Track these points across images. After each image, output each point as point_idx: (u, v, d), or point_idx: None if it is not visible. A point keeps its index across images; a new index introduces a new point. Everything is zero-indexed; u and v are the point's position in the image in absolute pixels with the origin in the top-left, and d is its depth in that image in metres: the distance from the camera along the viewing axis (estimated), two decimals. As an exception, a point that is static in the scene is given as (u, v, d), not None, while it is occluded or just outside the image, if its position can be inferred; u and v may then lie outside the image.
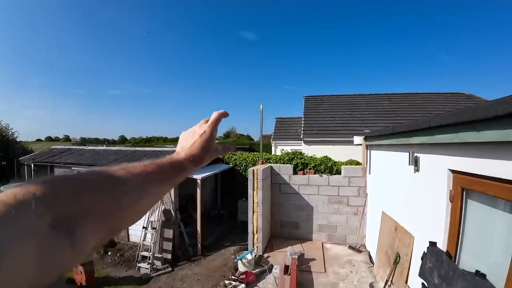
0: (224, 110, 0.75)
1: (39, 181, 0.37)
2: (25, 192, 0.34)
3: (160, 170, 0.57)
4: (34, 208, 0.33)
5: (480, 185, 2.36)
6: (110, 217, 0.45)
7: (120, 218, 0.47)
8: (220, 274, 6.32)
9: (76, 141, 77.51)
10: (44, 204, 0.34)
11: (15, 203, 0.32)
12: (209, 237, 8.61)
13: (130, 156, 10.95)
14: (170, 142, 50.61)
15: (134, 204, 0.50)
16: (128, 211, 0.49)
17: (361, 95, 15.29)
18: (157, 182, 0.56)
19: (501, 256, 2.17)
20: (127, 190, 0.49)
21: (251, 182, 6.41)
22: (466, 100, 13.37)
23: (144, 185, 0.53)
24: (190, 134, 0.73)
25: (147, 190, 0.53)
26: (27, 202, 0.33)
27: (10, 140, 25.09)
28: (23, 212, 0.31)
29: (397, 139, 4.19)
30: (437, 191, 3.08)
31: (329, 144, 11.27)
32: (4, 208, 0.30)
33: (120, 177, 0.50)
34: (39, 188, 0.35)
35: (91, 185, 0.44)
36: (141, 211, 0.53)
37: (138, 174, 0.53)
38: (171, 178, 0.60)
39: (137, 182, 0.51)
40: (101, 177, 0.47)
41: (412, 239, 3.74)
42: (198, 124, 0.74)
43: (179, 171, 0.62)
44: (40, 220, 0.33)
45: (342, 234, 7.12)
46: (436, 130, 2.82)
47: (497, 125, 1.87)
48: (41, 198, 0.34)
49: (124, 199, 0.48)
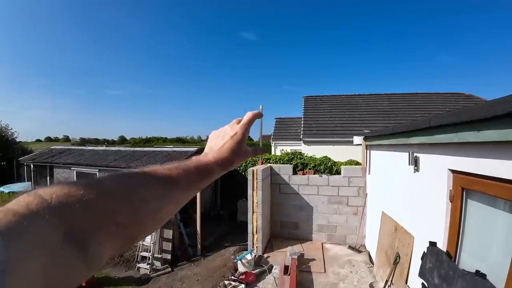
0: (258, 111, 0.70)
1: (54, 188, 0.35)
2: (39, 201, 0.32)
3: (185, 174, 0.53)
4: (47, 219, 0.31)
5: (480, 185, 2.36)
6: (128, 227, 0.42)
7: (138, 227, 0.44)
8: (219, 274, 6.31)
9: (75, 142, 77.58)
10: (58, 215, 0.32)
11: (27, 214, 0.30)
12: (208, 238, 8.60)
13: (130, 156, 10.94)
14: (170, 142, 50.63)
15: (154, 213, 0.46)
16: (148, 220, 0.45)
17: (361, 95, 15.28)
18: (181, 189, 0.52)
19: (501, 256, 2.17)
20: (148, 198, 0.45)
21: (250, 182, 6.40)
22: (466, 100, 13.37)
23: (166, 192, 0.49)
24: (221, 134, 0.68)
25: (170, 198, 0.49)
26: (41, 213, 0.31)
27: (9, 141, 25.14)
28: (36, 224, 0.30)
29: (397, 139, 4.19)
30: (437, 191, 3.07)
31: (329, 144, 11.27)
32: (15, 219, 0.28)
33: (140, 183, 0.46)
34: (54, 196, 0.33)
35: (108, 193, 0.41)
36: (161, 219, 0.49)
37: (161, 180, 0.49)
38: (196, 183, 0.55)
39: (159, 189, 0.47)
40: (120, 183, 0.44)
41: (412, 239, 3.73)
42: (230, 125, 0.69)
43: (206, 175, 0.58)
44: (53, 233, 0.31)
45: (342, 234, 7.11)
46: (436, 130, 2.82)
47: (497, 125, 1.87)
48: (55, 208, 0.32)
49: (143, 208, 0.44)
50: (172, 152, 10.86)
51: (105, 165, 10.48)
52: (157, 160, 9.93)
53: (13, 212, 0.29)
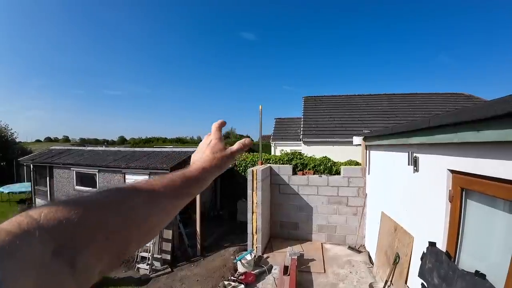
0: (221, 120, 0.78)
1: (42, 207, 0.36)
2: (29, 221, 0.33)
3: (171, 184, 0.55)
4: (37, 237, 0.32)
5: (480, 185, 2.36)
6: (117, 239, 0.43)
7: (127, 238, 0.45)
8: (219, 274, 6.32)
9: (75, 142, 77.53)
10: (48, 233, 0.33)
11: (19, 233, 0.31)
12: (208, 238, 8.60)
13: (130, 157, 10.94)
14: (170, 142, 50.60)
15: (143, 221, 0.48)
16: (136, 229, 0.47)
17: (361, 95, 15.28)
18: (168, 197, 0.53)
19: (501, 256, 2.17)
20: (135, 206, 0.47)
21: (250, 182, 6.40)
22: (465, 100, 13.38)
23: (153, 200, 0.50)
24: (200, 150, 0.73)
25: (157, 205, 0.51)
26: (31, 231, 0.32)
27: (9, 141, 25.14)
28: (27, 242, 0.31)
29: (397, 139, 4.19)
30: (437, 191, 3.07)
31: (329, 144, 11.27)
32: (8, 238, 0.30)
33: (127, 194, 0.48)
34: (43, 215, 0.35)
35: (96, 205, 0.42)
36: (151, 228, 0.50)
37: (148, 190, 0.51)
38: (182, 191, 0.57)
39: (145, 197, 0.49)
40: (107, 195, 0.45)
41: (411, 239, 3.73)
42: (203, 140, 0.76)
43: (192, 183, 0.60)
44: (44, 250, 0.32)
45: (342, 235, 7.11)
46: (435, 130, 2.82)
47: (497, 125, 1.87)
48: (45, 226, 0.34)
49: (131, 215, 0.45)
50: (171, 152, 10.85)
51: (105, 165, 10.47)
52: (157, 160, 9.92)
53: (5, 231, 0.30)
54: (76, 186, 11.54)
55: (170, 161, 9.58)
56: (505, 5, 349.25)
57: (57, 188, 12.30)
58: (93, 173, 10.88)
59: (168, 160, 9.68)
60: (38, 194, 13.84)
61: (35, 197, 14.02)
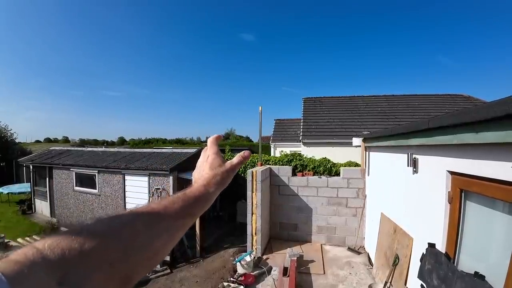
0: (216, 134, 0.79)
1: (47, 239, 0.38)
2: (34, 252, 0.35)
3: (172, 205, 0.54)
4: (43, 267, 0.34)
5: (479, 187, 2.36)
6: (121, 266, 0.43)
7: (132, 264, 0.45)
8: (218, 276, 6.31)
9: (75, 143, 77.45)
10: (52, 262, 0.35)
11: (27, 262, 0.33)
12: (208, 239, 8.59)
13: (129, 158, 10.93)
14: (169, 143, 50.56)
15: (147, 245, 0.47)
16: (141, 255, 0.47)
17: (360, 96, 15.29)
18: (170, 218, 0.53)
19: (500, 257, 2.17)
20: (137, 229, 0.47)
21: (250, 183, 6.40)
22: (464, 101, 13.40)
23: (155, 222, 0.50)
24: (198, 167, 0.73)
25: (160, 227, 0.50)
26: (37, 261, 0.34)
27: (9, 141, 25.13)
28: (34, 271, 0.33)
29: (396, 141, 4.19)
30: (436, 192, 3.08)
31: (328, 145, 11.27)
32: (16, 268, 0.32)
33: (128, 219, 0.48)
34: (47, 245, 0.37)
35: (98, 234, 0.43)
36: (156, 253, 0.50)
37: (149, 213, 0.51)
38: (184, 211, 0.56)
39: (146, 220, 0.49)
40: (108, 223, 0.46)
41: (411, 240, 3.74)
42: (201, 155, 0.76)
43: (194, 202, 0.59)
44: (49, 277, 0.34)
45: (341, 236, 7.11)
46: (434, 131, 2.82)
47: (496, 126, 1.87)
48: (49, 256, 0.35)
49: (134, 240, 0.46)
50: (171, 153, 10.84)
51: (104, 166, 10.46)
52: (156, 161, 9.92)
53: (14, 261, 0.33)
54: (75, 187, 11.53)
55: (169, 162, 9.57)
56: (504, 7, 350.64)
57: (56, 189, 12.29)
58: (93, 174, 10.87)
59: (168, 161, 9.67)
60: (37, 194, 13.83)
61: (34, 197, 14.01)
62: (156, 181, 9.36)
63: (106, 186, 10.51)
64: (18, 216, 13.48)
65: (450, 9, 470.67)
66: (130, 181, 9.98)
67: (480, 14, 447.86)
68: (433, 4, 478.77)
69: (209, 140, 0.77)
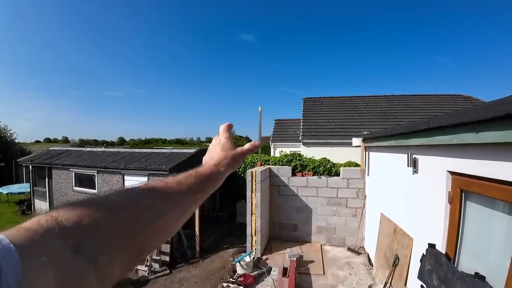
0: (228, 122, 0.83)
1: (61, 207, 0.38)
2: (48, 219, 0.35)
3: (185, 181, 0.57)
4: (57, 232, 0.33)
5: (479, 187, 2.35)
6: (136, 237, 0.44)
7: (146, 236, 0.46)
8: (218, 276, 6.29)
9: (74, 143, 77.55)
10: (66, 229, 0.35)
11: (38, 229, 0.32)
12: (207, 239, 8.58)
13: (129, 158, 10.92)
14: (169, 143, 50.60)
15: (160, 216, 0.48)
16: (155, 227, 0.47)
17: (360, 97, 15.28)
18: (183, 193, 0.55)
19: (500, 258, 2.16)
20: (152, 202, 0.48)
21: (249, 184, 6.39)
22: (464, 101, 13.39)
23: (169, 196, 0.52)
24: (210, 150, 0.75)
25: (174, 201, 0.52)
26: (51, 228, 0.33)
27: (9, 141, 25.13)
28: (46, 238, 0.32)
29: (396, 141, 4.18)
30: (436, 192, 3.07)
31: (328, 145, 11.25)
32: (27, 234, 0.31)
33: (144, 192, 0.49)
34: (61, 213, 0.36)
35: (113, 205, 0.43)
36: (169, 226, 0.51)
37: (163, 187, 0.52)
38: (196, 187, 0.58)
39: (162, 193, 0.51)
40: (124, 195, 0.47)
41: (411, 241, 3.73)
42: (213, 140, 0.79)
43: (206, 179, 0.62)
44: (64, 246, 0.33)
45: (341, 236, 7.10)
46: (434, 131, 2.81)
47: (496, 126, 1.86)
48: (64, 223, 0.35)
49: (148, 211, 0.46)
50: (171, 153, 10.82)
51: (104, 167, 10.45)
52: (156, 161, 9.91)
53: (24, 228, 0.32)
54: (75, 187, 11.52)
55: (169, 162, 9.56)
56: (504, 7, 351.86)
57: (56, 189, 12.28)
58: (92, 174, 10.87)
59: (167, 161, 9.66)
60: (37, 195, 13.81)
61: (34, 198, 13.99)
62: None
63: (106, 186, 10.50)
64: (17, 216, 13.45)
65: (448, 9, 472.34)
66: (130, 181, 9.98)
67: (479, 14, 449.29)
68: (431, 4, 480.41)
69: (222, 127, 0.81)
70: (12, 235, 0.29)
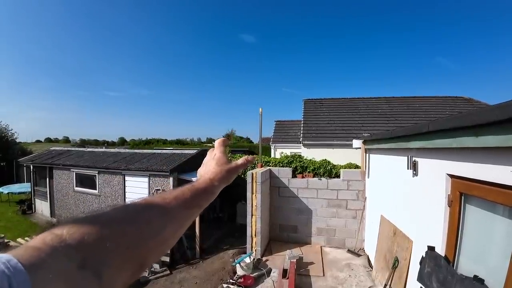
0: (224, 137, 0.85)
1: (65, 223, 0.39)
2: (53, 237, 0.36)
3: (182, 196, 0.58)
4: (62, 250, 0.35)
5: (479, 190, 2.36)
6: (137, 250, 0.46)
7: (145, 248, 0.48)
8: (218, 277, 6.31)
9: (75, 143, 77.65)
10: (72, 247, 0.36)
11: (45, 248, 0.34)
12: (207, 240, 8.59)
13: (130, 158, 10.94)
14: (170, 144, 50.59)
15: (159, 231, 0.51)
16: (153, 240, 0.50)
17: (361, 98, 15.29)
18: (180, 208, 0.57)
19: (499, 261, 2.17)
20: (150, 218, 0.50)
21: (250, 185, 6.40)
22: (465, 104, 13.40)
23: (166, 212, 0.53)
24: (205, 164, 0.77)
25: (171, 217, 0.54)
26: (56, 246, 0.35)
27: (9, 141, 25.14)
28: (53, 256, 0.34)
29: (396, 143, 4.20)
30: (436, 195, 3.08)
31: (328, 147, 11.27)
32: (35, 254, 0.32)
33: (142, 208, 0.51)
34: (65, 231, 0.38)
35: (114, 220, 0.45)
36: (167, 239, 0.53)
37: (161, 203, 0.54)
38: (192, 202, 0.60)
39: (159, 210, 0.53)
40: (123, 210, 0.49)
41: (410, 243, 3.73)
42: (207, 154, 0.81)
43: (202, 194, 0.64)
44: (70, 263, 0.35)
45: (341, 238, 7.10)
46: (434, 134, 2.82)
47: (497, 130, 1.87)
48: (69, 241, 0.37)
49: (147, 227, 0.49)
50: (171, 154, 10.84)
51: (105, 167, 10.46)
52: (157, 162, 9.92)
53: (33, 247, 0.34)
54: (75, 187, 11.53)
55: (170, 163, 9.58)
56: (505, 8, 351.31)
57: (56, 189, 12.30)
58: (93, 174, 10.88)
59: (168, 162, 9.67)
60: (37, 194, 13.83)
61: (34, 197, 14.01)
62: (156, 182, 9.36)
63: (106, 187, 10.51)
64: (18, 216, 13.49)
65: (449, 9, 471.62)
66: (130, 182, 9.98)
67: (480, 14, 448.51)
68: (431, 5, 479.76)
69: (217, 141, 0.82)
70: (20, 255, 0.31)
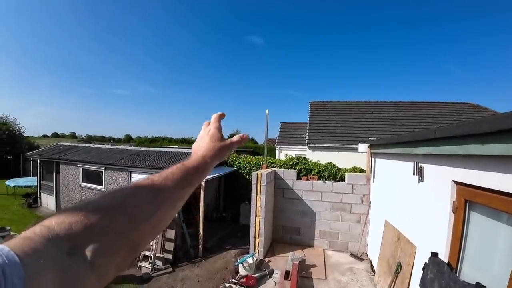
0: (221, 112, 0.81)
1: (54, 216, 0.42)
2: (42, 228, 0.39)
3: (172, 176, 0.58)
4: (50, 238, 0.38)
5: (484, 198, 2.37)
6: (127, 235, 0.47)
7: (137, 233, 0.49)
8: (220, 276, 6.34)
9: (82, 138, 78.36)
10: (60, 236, 0.39)
11: (34, 237, 0.37)
12: (210, 239, 8.63)
13: (136, 156, 11.04)
14: (175, 142, 50.76)
15: (150, 215, 0.51)
16: (145, 224, 0.50)
17: (367, 102, 15.25)
18: (171, 188, 0.57)
19: (502, 269, 2.18)
20: (139, 203, 0.51)
21: (254, 186, 6.43)
22: (472, 110, 13.30)
23: (156, 193, 0.54)
24: (198, 140, 0.76)
25: (162, 198, 0.54)
26: (46, 236, 0.38)
27: (17, 135, 25.45)
28: (42, 244, 0.36)
29: (402, 149, 4.20)
30: (441, 202, 3.09)
31: (334, 150, 11.26)
32: (26, 243, 0.35)
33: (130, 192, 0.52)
34: (53, 221, 0.40)
35: (102, 207, 0.47)
36: (160, 221, 0.54)
37: (150, 185, 0.55)
38: (183, 181, 0.60)
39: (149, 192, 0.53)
40: (111, 197, 0.50)
41: (414, 249, 3.74)
42: (202, 128, 0.79)
43: (193, 172, 0.63)
44: (57, 249, 0.37)
45: (344, 242, 7.10)
46: (441, 141, 2.84)
47: (503, 139, 1.89)
48: (57, 230, 0.39)
49: (137, 213, 0.49)
50: (177, 152, 10.92)
51: (111, 164, 10.57)
52: (163, 160, 10.00)
53: (23, 238, 0.37)
54: (82, 182, 11.66)
55: (176, 161, 9.64)
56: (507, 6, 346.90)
57: (63, 183, 12.44)
58: (100, 170, 10.99)
59: (174, 161, 9.74)
60: (43, 188, 13.99)
61: (40, 191, 14.18)
62: (162, 180, 9.39)
63: (113, 183, 10.61)
64: (23, 209, 13.65)
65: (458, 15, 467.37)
66: (136, 179, 10.02)
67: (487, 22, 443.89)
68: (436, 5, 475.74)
69: (213, 116, 0.80)
70: (12, 244, 0.34)
